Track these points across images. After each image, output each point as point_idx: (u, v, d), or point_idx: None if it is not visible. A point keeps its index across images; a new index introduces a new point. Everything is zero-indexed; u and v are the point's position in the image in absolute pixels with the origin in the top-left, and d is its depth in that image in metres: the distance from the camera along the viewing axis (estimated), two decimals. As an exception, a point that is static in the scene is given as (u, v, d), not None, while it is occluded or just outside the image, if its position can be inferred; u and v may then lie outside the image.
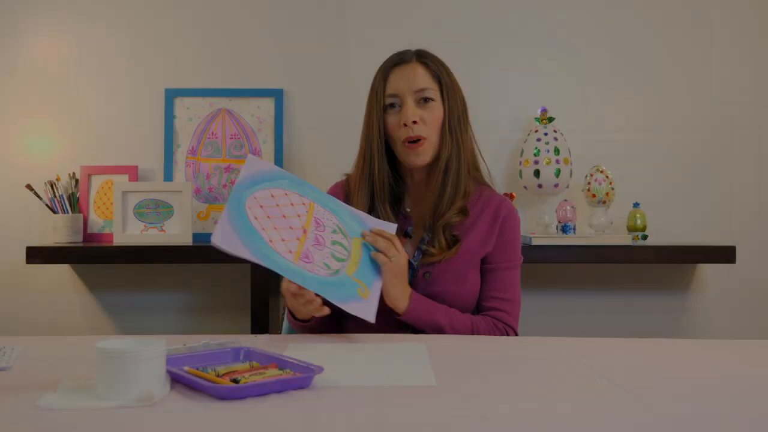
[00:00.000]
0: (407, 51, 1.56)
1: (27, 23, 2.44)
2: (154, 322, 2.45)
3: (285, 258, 1.34)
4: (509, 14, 2.46)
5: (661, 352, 1.25)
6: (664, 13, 2.47)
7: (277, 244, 1.34)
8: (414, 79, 1.51)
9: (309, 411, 0.86)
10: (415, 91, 1.50)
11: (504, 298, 1.53)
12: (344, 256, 1.39)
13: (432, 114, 1.50)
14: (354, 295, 1.36)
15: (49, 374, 1.03)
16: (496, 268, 1.54)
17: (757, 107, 2.47)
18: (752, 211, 2.46)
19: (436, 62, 1.55)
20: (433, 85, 1.51)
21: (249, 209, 1.35)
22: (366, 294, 1.37)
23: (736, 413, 0.88)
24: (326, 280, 1.35)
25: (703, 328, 2.46)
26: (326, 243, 1.39)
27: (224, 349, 1.12)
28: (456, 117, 1.53)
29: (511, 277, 1.56)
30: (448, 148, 1.51)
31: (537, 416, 0.85)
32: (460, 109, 1.55)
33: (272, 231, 1.36)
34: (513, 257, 1.56)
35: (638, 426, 0.82)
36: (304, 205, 1.41)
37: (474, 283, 1.53)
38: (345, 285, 1.36)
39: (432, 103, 1.51)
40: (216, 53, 2.46)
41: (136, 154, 2.43)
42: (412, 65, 1.52)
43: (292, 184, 1.42)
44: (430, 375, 1.04)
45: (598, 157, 2.40)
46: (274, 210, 1.38)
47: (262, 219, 1.36)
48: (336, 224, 1.42)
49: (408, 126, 1.48)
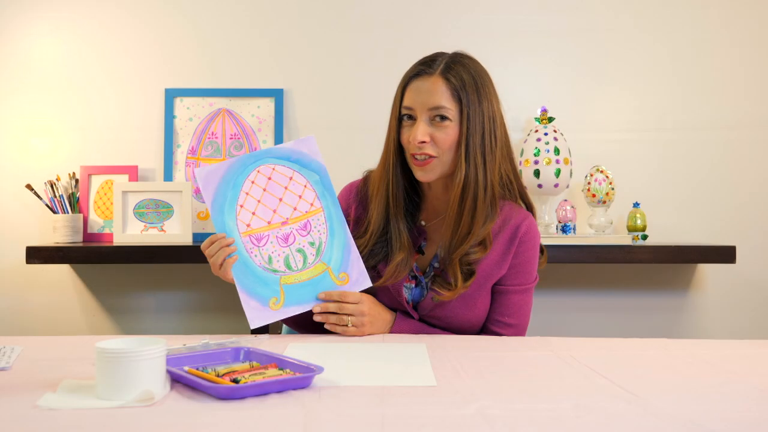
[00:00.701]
0: (436, 58, 1.43)
1: (27, 23, 2.43)
2: (154, 322, 2.45)
3: (234, 223, 1.35)
4: (509, 14, 2.46)
5: (661, 352, 1.25)
6: (663, 14, 2.47)
7: (243, 211, 1.35)
8: (431, 96, 1.39)
9: (309, 411, 0.86)
10: (429, 109, 1.39)
11: (509, 323, 1.47)
12: (296, 267, 1.38)
13: (445, 134, 1.38)
14: (265, 297, 1.36)
15: (49, 374, 1.03)
16: (506, 290, 1.47)
17: (757, 107, 2.47)
18: (752, 211, 2.46)
19: (464, 76, 1.40)
20: (450, 104, 1.38)
21: (258, 171, 1.36)
22: (276, 307, 1.36)
23: (736, 413, 0.88)
24: (255, 268, 1.36)
25: (703, 328, 2.46)
26: (293, 245, 1.38)
27: (224, 349, 1.12)
28: (477, 138, 1.39)
29: (521, 301, 1.48)
30: (462, 170, 1.39)
31: (537, 416, 0.85)
32: (487, 128, 1.41)
33: (252, 200, 1.36)
34: (526, 280, 1.48)
35: (638, 426, 0.82)
36: (311, 205, 1.41)
37: (483, 308, 1.47)
38: (268, 285, 1.36)
39: (447, 122, 1.39)
40: (216, 53, 2.46)
41: (136, 154, 2.43)
42: (432, 79, 1.40)
43: (321, 184, 1.42)
44: (430, 375, 1.04)
45: (598, 157, 2.40)
46: (278, 188, 1.38)
47: (256, 187, 1.36)
48: (321, 241, 1.40)
49: (415, 145, 1.40)
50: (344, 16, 2.46)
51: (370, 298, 1.42)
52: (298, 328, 1.52)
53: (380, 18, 2.45)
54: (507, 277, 1.47)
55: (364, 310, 1.39)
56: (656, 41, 2.47)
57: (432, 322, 1.47)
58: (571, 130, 2.39)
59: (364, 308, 1.39)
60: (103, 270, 2.45)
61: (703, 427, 0.81)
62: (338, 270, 1.40)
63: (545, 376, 1.07)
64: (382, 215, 1.47)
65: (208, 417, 0.84)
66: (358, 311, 1.38)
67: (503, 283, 1.47)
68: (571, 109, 2.44)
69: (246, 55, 2.45)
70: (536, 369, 1.12)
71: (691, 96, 2.47)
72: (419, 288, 1.49)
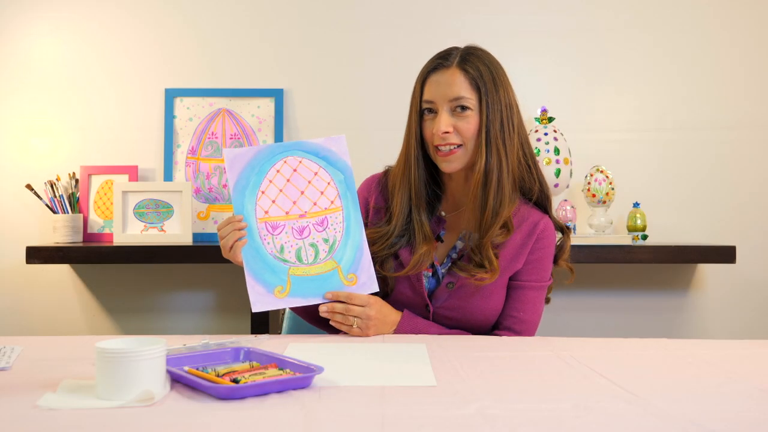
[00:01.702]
0: (451, 52, 1.48)
1: (27, 23, 2.44)
2: (154, 322, 2.45)
3: (253, 208, 1.36)
4: (509, 14, 2.46)
5: (661, 352, 1.25)
6: (663, 14, 2.47)
7: (263, 198, 1.36)
8: (450, 87, 1.43)
9: (309, 411, 0.86)
10: (450, 100, 1.43)
11: (520, 318, 1.49)
12: (307, 260, 1.39)
13: (467, 123, 1.43)
14: (271, 284, 1.37)
15: (49, 374, 1.03)
16: (522, 286, 1.49)
17: (757, 107, 2.47)
18: (752, 211, 2.46)
19: (480, 67, 1.45)
20: (470, 93, 1.43)
21: (285, 162, 1.38)
22: (281, 296, 1.37)
23: (736, 413, 0.88)
24: (266, 255, 1.37)
25: (703, 328, 2.46)
26: (307, 238, 1.39)
27: (224, 349, 1.12)
28: (497, 125, 1.44)
29: (535, 298, 1.50)
30: (483, 158, 1.43)
31: (537, 416, 0.85)
32: (505, 116, 1.46)
33: (274, 189, 1.38)
34: (542, 277, 1.51)
35: (638, 426, 0.82)
36: (331, 203, 1.41)
37: (498, 300, 1.49)
38: (276, 273, 1.37)
39: (468, 112, 1.43)
40: (216, 53, 2.46)
41: (136, 154, 2.43)
42: (450, 71, 1.44)
43: (344, 184, 1.43)
44: (430, 375, 1.04)
45: (598, 157, 2.40)
46: (301, 181, 1.40)
47: (280, 177, 1.38)
48: (335, 239, 1.41)
49: (439, 136, 1.43)
50: (344, 16, 2.46)
51: (378, 300, 1.43)
52: (307, 316, 1.52)
53: (380, 18, 2.45)
54: (523, 272, 1.50)
55: (371, 314, 1.39)
56: (656, 41, 2.47)
57: (445, 313, 1.49)
58: (571, 130, 2.39)
59: (371, 312, 1.39)
60: (103, 270, 2.45)
61: (703, 427, 0.81)
62: (347, 270, 1.41)
63: (545, 376, 1.07)
64: (405, 207, 1.50)
65: (208, 417, 0.84)
66: (365, 315, 1.39)
67: (519, 279, 1.50)
68: (571, 109, 2.44)
69: (246, 55, 2.45)
70: (536, 369, 1.12)
71: (691, 96, 2.47)
72: (435, 277, 1.51)
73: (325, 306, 1.39)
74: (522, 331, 1.49)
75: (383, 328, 1.43)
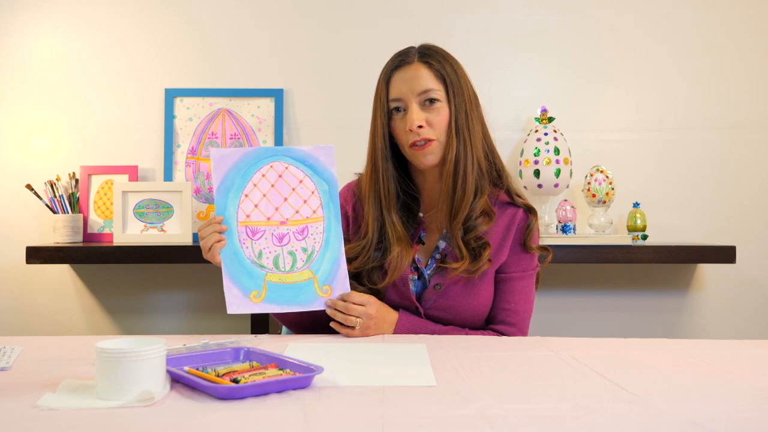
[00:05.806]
0: (409, 50, 1.50)
1: (27, 23, 2.44)
2: (154, 322, 2.45)
3: (235, 210, 1.36)
4: (509, 14, 2.46)
5: (661, 352, 1.25)
6: (663, 14, 2.47)
7: (246, 201, 1.36)
8: (417, 81, 1.45)
9: (309, 411, 0.86)
10: (418, 94, 1.44)
11: (513, 309, 1.49)
12: (284, 268, 1.39)
13: (439, 115, 1.44)
14: (248, 288, 1.37)
15: (49, 374, 1.03)
16: (509, 278, 1.50)
17: (757, 107, 2.47)
18: (752, 211, 2.46)
19: (441, 59, 1.47)
20: (437, 85, 1.45)
21: (271, 166, 1.38)
22: (256, 301, 1.37)
23: (736, 413, 0.88)
24: (244, 258, 1.37)
25: (703, 328, 2.46)
26: (286, 246, 1.39)
27: (224, 349, 1.12)
28: (463, 115, 1.46)
29: (524, 287, 1.51)
30: (454, 149, 1.45)
31: (537, 416, 0.85)
32: (469, 105, 1.48)
33: (258, 193, 1.38)
34: (528, 266, 1.51)
35: (638, 426, 0.82)
36: (313, 212, 1.41)
37: (486, 296, 1.49)
38: (252, 277, 1.38)
39: (438, 104, 1.44)
40: (216, 53, 2.46)
41: (136, 154, 2.43)
42: (414, 66, 1.46)
43: (328, 194, 1.42)
44: (430, 375, 1.04)
45: (598, 157, 2.40)
46: (286, 188, 1.40)
47: (265, 181, 1.38)
48: (314, 249, 1.41)
49: (414, 131, 1.43)
50: (344, 16, 2.46)
51: (376, 300, 1.43)
52: (297, 330, 1.52)
53: (380, 18, 2.45)
54: (508, 264, 1.50)
55: (371, 313, 1.39)
56: (656, 41, 2.47)
57: (436, 314, 1.48)
58: (571, 130, 2.39)
59: (371, 311, 1.39)
60: (103, 270, 2.45)
61: (703, 427, 0.81)
62: (323, 282, 1.41)
63: (545, 376, 1.07)
64: (376, 212, 1.49)
65: (208, 417, 0.84)
66: (366, 314, 1.38)
67: (505, 271, 1.50)
68: (571, 109, 2.44)
69: (246, 55, 2.46)
70: (536, 369, 1.12)
71: (691, 96, 2.47)
72: (421, 280, 1.50)
73: (330, 301, 1.39)
74: (517, 322, 1.50)
75: (383, 327, 1.42)
